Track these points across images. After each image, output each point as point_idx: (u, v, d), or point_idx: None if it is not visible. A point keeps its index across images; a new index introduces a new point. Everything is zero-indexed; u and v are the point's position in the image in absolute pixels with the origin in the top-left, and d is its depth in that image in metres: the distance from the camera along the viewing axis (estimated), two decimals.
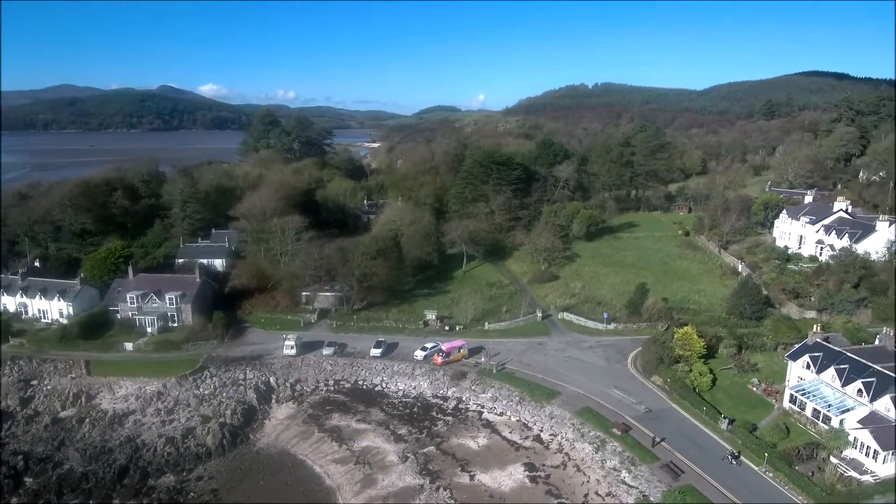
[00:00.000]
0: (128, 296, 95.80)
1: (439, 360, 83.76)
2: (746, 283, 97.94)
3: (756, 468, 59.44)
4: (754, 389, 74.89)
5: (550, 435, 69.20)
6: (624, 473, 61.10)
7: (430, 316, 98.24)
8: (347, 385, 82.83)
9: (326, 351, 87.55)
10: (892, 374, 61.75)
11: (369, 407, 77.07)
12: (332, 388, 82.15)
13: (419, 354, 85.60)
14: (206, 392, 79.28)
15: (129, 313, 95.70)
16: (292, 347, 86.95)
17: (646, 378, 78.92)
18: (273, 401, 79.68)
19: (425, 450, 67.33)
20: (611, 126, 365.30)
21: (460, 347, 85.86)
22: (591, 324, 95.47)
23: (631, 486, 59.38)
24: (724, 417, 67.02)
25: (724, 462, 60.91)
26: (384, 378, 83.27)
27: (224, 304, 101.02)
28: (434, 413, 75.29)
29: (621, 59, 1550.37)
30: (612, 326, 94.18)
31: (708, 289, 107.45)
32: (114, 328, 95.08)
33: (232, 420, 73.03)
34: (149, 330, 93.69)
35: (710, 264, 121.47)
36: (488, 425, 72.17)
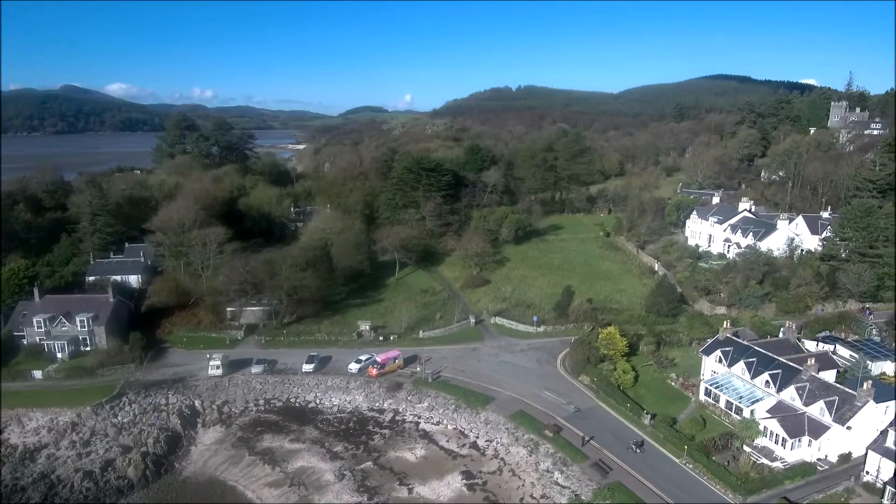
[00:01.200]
0: (34, 319, 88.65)
1: (374, 371, 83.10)
2: (662, 282, 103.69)
3: (677, 461, 62.68)
4: (673, 384, 79.14)
5: (486, 441, 70.44)
6: (557, 474, 63.12)
7: (364, 326, 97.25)
8: (279, 404, 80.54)
9: (255, 369, 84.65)
10: (796, 366, 67.20)
11: (303, 425, 75.30)
12: (262, 408, 79.62)
13: (353, 367, 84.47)
14: (126, 420, 74.68)
15: (37, 338, 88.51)
16: (218, 367, 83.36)
17: (574, 378, 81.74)
18: (199, 425, 76.23)
19: (362, 466, 66.70)
20: (534, 129, 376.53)
21: (395, 358, 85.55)
22: (521, 327, 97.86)
23: (563, 487, 61.43)
24: (647, 413, 70.28)
25: (629, 451, 64.15)
26: (318, 394, 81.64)
27: (141, 325, 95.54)
28: (370, 427, 74.69)
29: (542, 61, 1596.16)
30: (541, 329, 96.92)
31: (628, 288, 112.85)
32: (20, 355, 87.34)
33: (155, 449, 69.22)
34: (59, 356, 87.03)
35: (630, 264, 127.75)
36: (425, 436, 72.48)
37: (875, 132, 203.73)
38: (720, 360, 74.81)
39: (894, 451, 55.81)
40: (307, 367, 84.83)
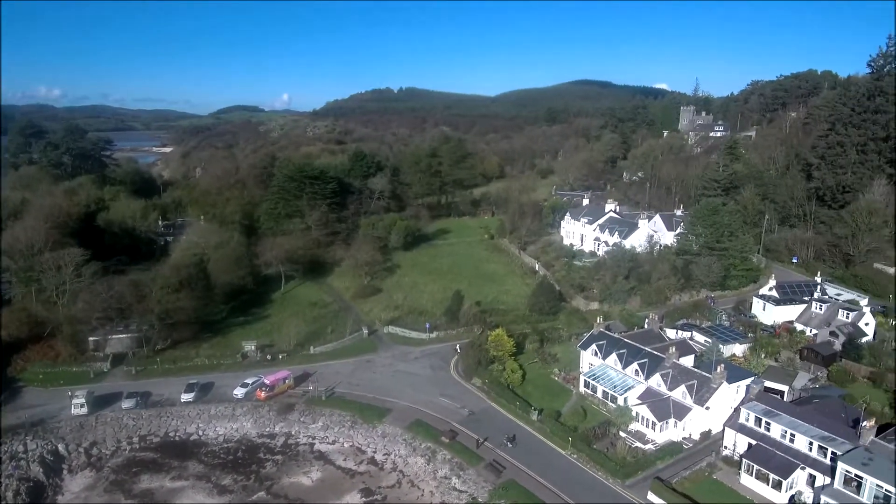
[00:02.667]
0: None
1: (262, 395, 79.45)
2: (543, 282, 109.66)
3: (563, 452, 66.43)
4: (556, 379, 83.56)
5: (384, 455, 70.26)
6: (454, 480, 64.43)
7: (249, 347, 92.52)
8: (156, 439, 74.40)
9: (126, 403, 77.43)
10: (660, 354, 74.03)
11: (185, 460, 70.21)
12: (137, 447, 73.10)
13: (239, 392, 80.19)
14: None
15: None
16: (82, 405, 75.32)
17: (467, 381, 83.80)
18: (65, 471, 68.46)
19: (254, 497, 63.58)
20: (418, 131, 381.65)
21: (285, 378, 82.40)
22: (415, 334, 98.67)
23: (461, 491, 62.84)
24: (535, 409, 73.67)
25: (503, 446, 67.03)
26: (200, 425, 76.46)
27: None
28: (261, 454, 71.40)
29: (422, 63, 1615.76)
30: (434, 335, 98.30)
31: (513, 289, 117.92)
32: None
33: (15, 502, 61.39)
34: None
35: (513, 265, 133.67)
36: (321, 457, 70.74)
37: (718, 134, 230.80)
38: (596, 353, 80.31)
39: (749, 427, 63.51)
40: (186, 397, 79.20)
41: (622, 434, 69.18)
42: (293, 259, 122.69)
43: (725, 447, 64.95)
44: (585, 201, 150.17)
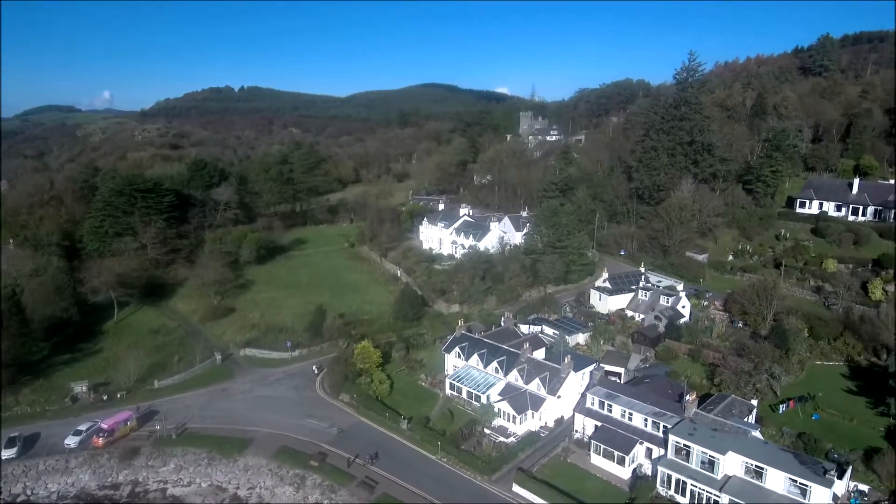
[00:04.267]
0: None
1: (101, 441, 70.85)
2: (406, 289, 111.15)
3: (434, 457, 67.98)
4: (423, 384, 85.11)
5: (248, 489, 66.41)
6: None
7: (79, 388, 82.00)
8: None
9: None
10: (516, 351, 78.80)
11: None
12: None
13: (72, 441, 70.77)
14: None
15: None
16: None
17: (335, 398, 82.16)
18: None
19: None
20: (265, 133, 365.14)
21: (126, 420, 74.20)
22: (275, 355, 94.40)
23: None
24: (404, 417, 74.42)
25: (368, 463, 67.25)
26: (27, 483, 66.34)
27: None
28: None
29: (264, 60, 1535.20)
30: (296, 353, 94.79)
31: (376, 298, 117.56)
32: None
33: None
34: None
35: (376, 273, 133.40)
36: (176, 502, 64.94)
37: (553, 139, 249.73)
38: (459, 355, 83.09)
39: (594, 411, 69.97)
40: (7, 453, 68.44)
41: (487, 431, 72.32)
42: (126, 283, 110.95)
43: (576, 431, 71.04)
44: (441, 205, 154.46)
